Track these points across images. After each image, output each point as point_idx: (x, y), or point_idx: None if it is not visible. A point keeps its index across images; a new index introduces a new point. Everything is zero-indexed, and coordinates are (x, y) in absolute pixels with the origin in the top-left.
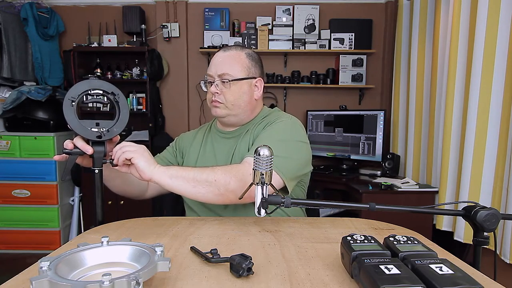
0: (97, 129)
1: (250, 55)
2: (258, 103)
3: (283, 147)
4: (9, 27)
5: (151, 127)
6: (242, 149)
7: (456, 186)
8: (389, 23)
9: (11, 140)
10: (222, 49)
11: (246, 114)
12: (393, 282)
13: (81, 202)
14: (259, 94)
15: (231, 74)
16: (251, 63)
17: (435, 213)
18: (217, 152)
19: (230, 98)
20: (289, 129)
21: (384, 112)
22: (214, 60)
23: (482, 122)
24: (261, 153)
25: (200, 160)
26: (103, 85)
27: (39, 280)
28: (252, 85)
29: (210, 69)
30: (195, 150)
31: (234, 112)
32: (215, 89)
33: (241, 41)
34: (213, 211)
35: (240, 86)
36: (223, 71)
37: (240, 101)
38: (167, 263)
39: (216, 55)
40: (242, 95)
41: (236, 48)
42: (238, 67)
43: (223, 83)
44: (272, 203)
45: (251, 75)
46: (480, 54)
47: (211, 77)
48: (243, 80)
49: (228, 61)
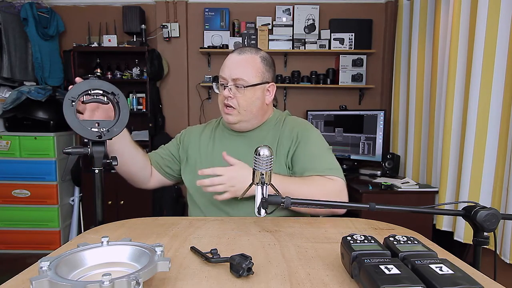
0: (97, 129)
1: (264, 59)
2: (268, 107)
3: (331, 154)
4: (9, 27)
5: (151, 127)
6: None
7: (456, 186)
8: (389, 23)
9: (11, 140)
10: (236, 50)
11: (257, 119)
12: (393, 282)
13: (81, 202)
14: (271, 98)
15: (245, 80)
16: (265, 67)
17: (435, 213)
18: (226, 150)
19: (243, 103)
20: (321, 136)
21: (384, 112)
22: (228, 62)
23: (482, 122)
24: (261, 153)
25: (208, 157)
26: (103, 85)
27: (39, 280)
28: (265, 90)
29: (224, 71)
30: (203, 145)
31: (246, 118)
32: (228, 93)
33: (241, 41)
34: (217, 207)
35: (254, 92)
36: (237, 75)
37: (253, 107)
38: (167, 263)
39: (230, 56)
40: (255, 101)
41: (251, 50)
42: (253, 72)
43: (237, 87)
44: (272, 203)
45: (264, 80)
46: (480, 54)
47: (224, 79)
48: (257, 86)
49: (243, 65)
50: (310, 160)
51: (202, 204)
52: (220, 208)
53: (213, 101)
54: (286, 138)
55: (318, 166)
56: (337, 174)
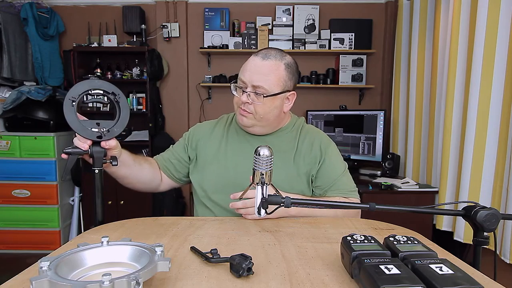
0: (98, 129)
1: (289, 66)
2: (286, 115)
3: (348, 173)
4: (9, 27)
5: (151, 127)
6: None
7: (456, 186)
8: (389, 23)
9: (11, 140)
10: (260, 54)
11: (272, 126)
12: (393, 282)
13: (81, 202)
14: (289, 107)
15: (266, 89)
16: (288, 76)
17: (435, 213)
18: (240, 152)
19: (261, 111)
20: (338, 150)
21: (384, 112)
22: (250, 65)
23: (482, 122)
24: (261, 153)
25: (220, 157)
26: (104, 85)
27: (39, 280)
28: (284, 99)
29: (244, 75)
30: (214, 144)
31: (261, 124)
32: (246, 99)
33: (241, 41)
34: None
35: (273, 101)
36: (258, 83)
37: (270, 115)
38: (167, 263)
39: (253, 60)
40: (273, 110)
41: (276, 56)
42: (275, 80)
43: (256, 94)
44: (272, 203)
45: (286, 88)
46: (480, 54)
47: (243, 83)
48: (277, 95)
49: (265, 72)
50: (334, 179)
51: (210, 205)
52: (228, 209)
53: (213, 101)
54: (307, 150)
55: (342, 187)
56: (356, 196)
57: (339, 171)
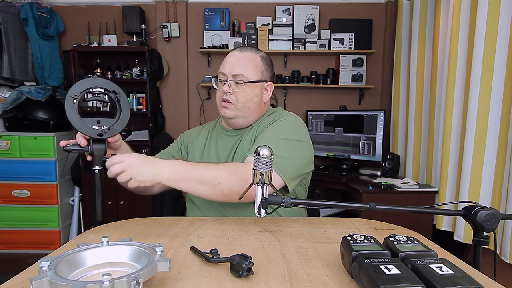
0: (98, 127)
1: (264, 58)
2: (265, 106)
3: (284, 146)
4: (9, 27)
5: (151, 127)
6: (244, 145)
7: (456, 186)
8: (389, 23)
9: (11, 140)
10: (237, 49)
11: (253, 117)
12: (393, 282)
13: (81, 202)
14: (268, 97)
15: (245, 76)
16: (264, 66)
17: (435, 213)
18: (220, 149)
19: (242, 99)
20: (291, 127)
21: (384, 112)
22: (229, 59)
23: (482, 122)
24: (261, 153)
25: (204, 156)
26: (105, 83)
27: (39, 280)
28: (263, 88)
29: (224, 67)
30: (200, 146)
31: (243, 114)
32: (227, 88)
33: (241, 41)
34: (215, 207)
35: (253, 89)
36: (238, 71)
37: (251, 103)
38: (167, 263)
39: (231, 54)
40: (253, 97)
41: (252, 49)
42: (253, 69)
43: (236, 83)
44: (272, 203)
45: (263, 78)
46: (480, 54)
47: (224, 75)
48: (256, 83)
49: (243, 62)
50: (256, 144)
51: (200, 204)
52: (217, 209)
53: (213, 101)
54: (262, 128)
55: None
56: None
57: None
